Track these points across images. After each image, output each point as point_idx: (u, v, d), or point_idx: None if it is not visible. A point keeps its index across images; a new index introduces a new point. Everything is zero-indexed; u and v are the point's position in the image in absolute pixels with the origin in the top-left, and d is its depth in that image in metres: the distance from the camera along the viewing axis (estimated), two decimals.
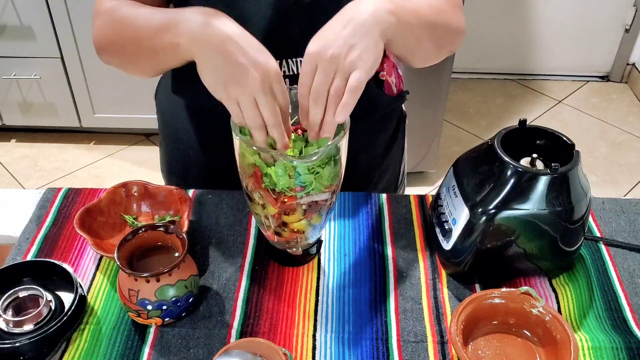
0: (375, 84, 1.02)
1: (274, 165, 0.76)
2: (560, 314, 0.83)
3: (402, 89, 1.11)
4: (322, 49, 0.72)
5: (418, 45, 0.85)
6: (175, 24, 0.78)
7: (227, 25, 0.75)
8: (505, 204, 0.81)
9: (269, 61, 0.74)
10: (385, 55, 1.02)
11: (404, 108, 1.17)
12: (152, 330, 0.83)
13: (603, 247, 0.96)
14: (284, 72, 0.92)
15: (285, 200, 0.78)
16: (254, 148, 0.75)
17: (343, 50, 0.72)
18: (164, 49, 0.80)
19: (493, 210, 0.81)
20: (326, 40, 0.73)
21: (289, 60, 0.92)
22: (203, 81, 0.76)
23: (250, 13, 0.88)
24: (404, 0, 0.81)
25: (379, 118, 1.07)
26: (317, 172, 0.77)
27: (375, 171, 1.13)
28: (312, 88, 0.73)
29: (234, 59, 0.73)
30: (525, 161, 0.84)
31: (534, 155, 0.84)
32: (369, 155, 1.10)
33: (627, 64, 3.17)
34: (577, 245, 0.88)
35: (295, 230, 0.84)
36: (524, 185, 0.81)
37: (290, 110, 0.79)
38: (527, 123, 0.88)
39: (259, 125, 0.73)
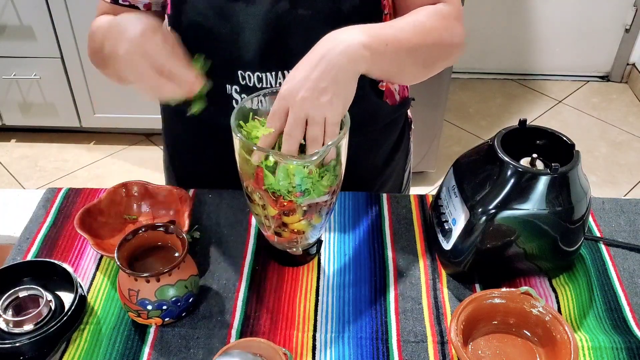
0: (375, 94, 1.00)
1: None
2: (560, 314, 0.83)
3: (406, 96, 1.10)
4: (292, 92, 0.72)
5: (401, 70, 0.84)
6: (111, 36, 0.83)
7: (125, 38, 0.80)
8: (505, 204, 0.81)
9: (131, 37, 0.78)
10: None
11: (409, 114, 1.15)
12: (152, 330, 0.83)
13: (603, 247, 0.96)
14: (280, 84, 0.91)
15: (285, 203, 0.78)
16: (254, 148, 0.75)
17: (313, 95, 0.71)
18: (109, 58, 0.84)
19: (493, 210, 0.81)
20: (296, 82, 0.72)
21: (285, 72, 0.91)
22: None
23: (244, 25, 0.88)
24: (383, 28, 0.80)
25: (380, 127, 1.06)
26: (318, 179, 0.77)
27: (376, 179, 1.12)
28: (286, 130, 0.73)
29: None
30: (525, 161, 0.84)
31: (534, 155, 0.84)
32: (370, 164, 1.09)
33: (627, 64, 3.17)
34: (577, 245, 0.88)
35: (295, 230, 0.84)
36: (524, 185, 0.81)
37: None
38: (527, 123, 0.88)
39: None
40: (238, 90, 0.94)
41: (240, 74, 0.92)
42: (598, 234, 0.98)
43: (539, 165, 0.84)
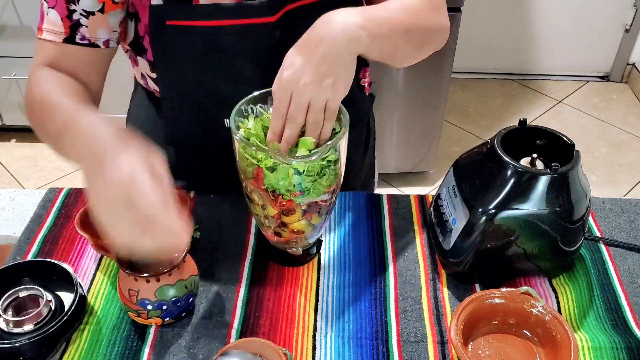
0: (359, 89, 1.02)
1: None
2: (560, 314, 0.84)
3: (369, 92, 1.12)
4: (294, 78, 0.72)
5: (395, 51, 0.85)
6: (68, 139, 0.80)
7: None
8: (505, 204, 0.81)
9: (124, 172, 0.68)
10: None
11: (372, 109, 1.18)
12: (152, 330, 0.83)
13: (603, 247, 0.96)
14: None
15: (284, 202, 0.78)
16: (254, 148, 0.75)
17: (315, 79, 0.72)
18: (62, 146, 0.83)
19: (493, 210, 0.81)
20: (297, 67, 0.72)
21: None
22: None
23: (235, 56, 0.88)
24: (377, 9, 0.80)
25: (365, 122, 1.08)
26: (316, 180, 0.77)
27: (356, 176, 1.14)
28: (289, 115, 0.73)
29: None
30: (525, 161, 0.84)
31: (534, 155, 0.84)
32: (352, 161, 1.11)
33: (627, 64, 3.17)
34: (577, 245, 0.88)
35: (295, 230, 0.84)
36: (524, 185, 0.81)
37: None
38: (527, 123, 0.88)
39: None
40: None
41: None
42: (598, 234, 0.98)
43: (539, 165, 0.84)
